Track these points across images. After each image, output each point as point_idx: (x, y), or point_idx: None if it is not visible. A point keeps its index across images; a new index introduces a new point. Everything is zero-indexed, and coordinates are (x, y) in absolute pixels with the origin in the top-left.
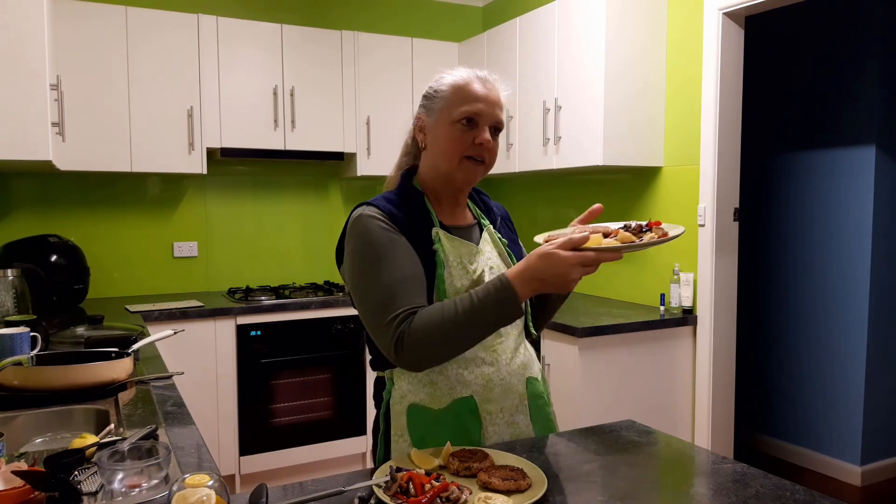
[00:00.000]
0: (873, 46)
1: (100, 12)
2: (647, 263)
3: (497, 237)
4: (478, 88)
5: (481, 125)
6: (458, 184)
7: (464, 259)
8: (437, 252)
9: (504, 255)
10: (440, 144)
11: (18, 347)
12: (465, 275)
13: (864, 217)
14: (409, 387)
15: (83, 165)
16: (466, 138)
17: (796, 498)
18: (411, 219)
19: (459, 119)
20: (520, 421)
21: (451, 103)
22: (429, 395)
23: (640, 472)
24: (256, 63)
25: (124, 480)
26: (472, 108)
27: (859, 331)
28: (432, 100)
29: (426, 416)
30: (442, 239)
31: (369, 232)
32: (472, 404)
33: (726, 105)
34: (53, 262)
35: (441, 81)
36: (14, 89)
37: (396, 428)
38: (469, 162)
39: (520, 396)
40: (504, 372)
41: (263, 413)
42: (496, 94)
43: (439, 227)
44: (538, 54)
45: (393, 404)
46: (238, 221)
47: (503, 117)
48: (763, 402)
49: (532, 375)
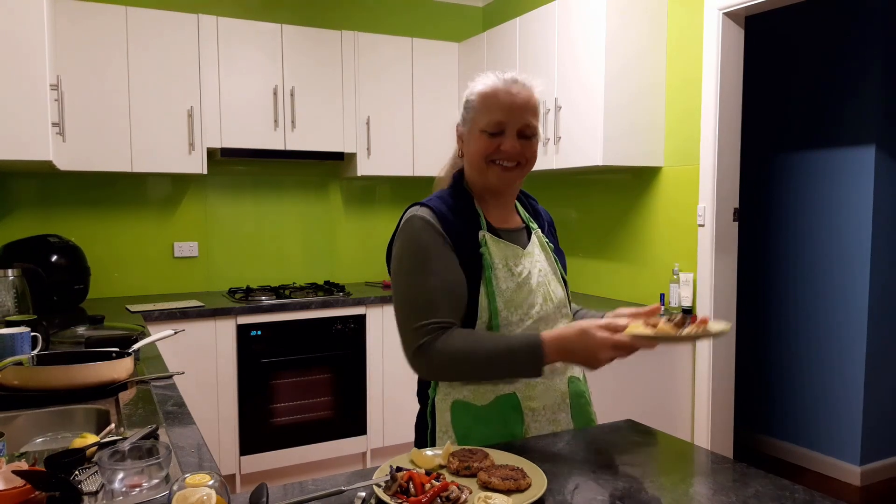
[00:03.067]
0: (873, 46)
1: (100, 12)
2: (647, 264)
3: (545, 241)
4: (503, 97)
5: (508, 132)
6: (494, 189)
7: (509, 261)
8: (483, 255)
9: (551, 261)
10: (471, 152)
11: (19, 347)
12: (511, 277)
13: (864, 217)
14: (455, 382)
15: (83, 165)
16: (492, 145)
17: (796, 498)
18: (461, 220)
19: (486, 128)
20: (562, 419)
21: (478, 113)
22: (472, 391)
23: (640, 472)
24: (256, 63)
25: (125, 480)
26: (496, 117)
27: (859, 330)
28: (466, 109)
29: (470, 412)
30: (488, 241)
31: (419, 235)
32: (514, 401)
33: (726, 105)
34: (54, 262)
35: (472, 90)
36: (14, 89)
37: (441, 424)
38: (497, 167)
39: (562, 395)
40: (547, 370)
41: (264, 413)
42: (524, 96)
43: (486, 230)
44: (538, 54)
45: (438, 402)
46: (238, 221)
47: (533, 120)
48: (763, 402)
49: (574, 375)
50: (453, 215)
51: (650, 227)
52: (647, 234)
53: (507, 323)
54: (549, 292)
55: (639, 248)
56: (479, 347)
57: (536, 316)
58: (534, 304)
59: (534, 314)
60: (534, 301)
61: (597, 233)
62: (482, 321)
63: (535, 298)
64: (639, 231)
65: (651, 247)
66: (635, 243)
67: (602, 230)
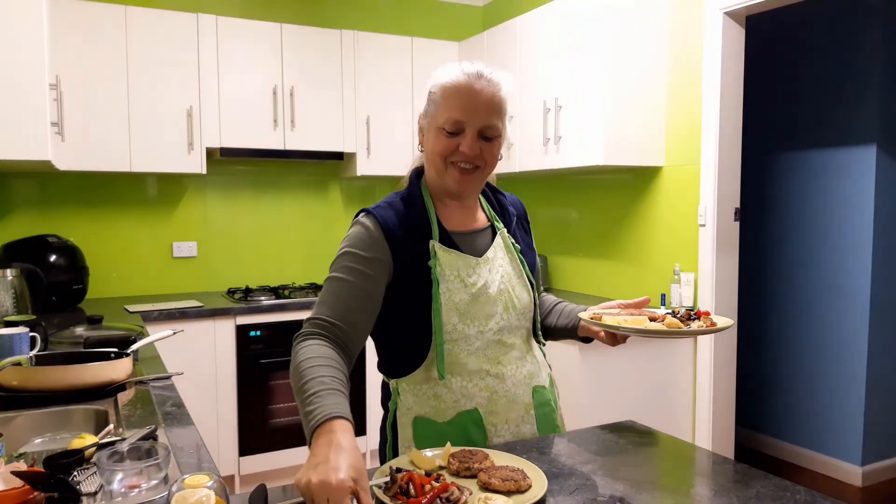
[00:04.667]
0: (875, 45)
1: (99, 12)
2: (647, 264)
3: (510, 242)
4: (464, 93)
5: (468, 132)
6: (452, 192)
7: (461, 272)
8: (432, 268)
9: (516, 263)
10: (429, 149)
11: (18, 347)
12: (464, 289)
13: (865, 217)
14: (415, 399)
15: (82, 165)
16: (451, 145)
17: (797, 498)
18: (410, 231)
19: (443, 126)
20: (525, 430)
21: (438, 107)
22: (433, 408)
23: (640, 472)
24: (256, 62)
25: (124, 481)
26: (454, 115)
27: (860, 330)
28: (427, 101)
29: (431, 428)
30: (438, 253)
31: (350, 241)
32: (476, 416)
33: (727, 105)
34: (53, 262)
35: (435, 81)
36: (13, 89)
37: (403, 440)
38: (455, 169)
39: (525, 407)
40: (510, 384)
41: (263, 413)
42: (488, 94)
43: (437, 239)
44: (538, 54)
45: (399, 416)
46: (238, 221)
47: (496, 121)
48: (763, 402)
49: (539, 384)
50: (401, 225)
51: (651, 226)
52: (648, 234)
53: (463, 336)
54: (512, 299)
55: (639, 248)
56: (300, 375)
57: (496, 327)
58: (493, 315)
59: (493, 325)
60: (493, 311)
61: (597, 233)
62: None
63: (494, 308)
64: (639, 231)
65: (652, 247)
66: (636, 243)
67: (602, 230)
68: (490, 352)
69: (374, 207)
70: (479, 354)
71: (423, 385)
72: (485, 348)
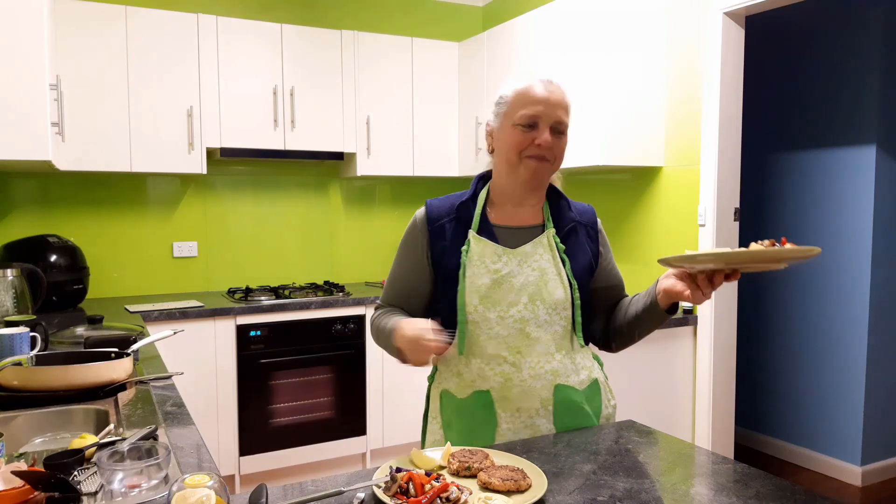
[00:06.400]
0: (874, 45)
1: (99, 12)
2: (647, 263)
3: (555, 242)
4: (538, 91)
5: (541, 126)
6: (525, 183)
7: (486, 259)
8: (462, 254)
9: (557, 261)
10: (503, 146)
11: (18, 347)
12: (487, 273)
13: (864, 217)
14: (445, 373)
15: (83, 165)
16: (527, 139)
17: (797, 498)
18: (456, 219)
19: (520, 122)
20: (541, 424)
21: (512, 107)
22: (455, 383)
23: (640, 472)
24: (256, 63)
25: (124, 481)
26: (531, 110)
27: (860, 330)
28: (498, 105)
29: (452, 402)
30: (472, 241)
31: (407, 230)
32: (487, 399)
33: (726, 105)
34: (53, 262)
35: (506, 87)
36: (14, 89)
37: (433, 410)
38: (530, 160)
39: (543, 402)
40: (526, 375)
41: (263, 413)
42: (558, 95)
43: (476, 230)
44: (538, 54)
45: (433, 388)
46: (238, 221)
47: (565, 117)
48: (763, 402)
49: (564, 383)
50: (447, 214)
51: (651, 226)
52: (648, 234)
53: (484, 318)
54: (541, 292)
55: (639, 248)
56: (378, 331)
57: (518, 316)
58: (515, 303)
59: (514, 314)
60: (515, 300)
61: None
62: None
63: (517, 298)
64: (639, 231)
65: (652, 247)
66: (636, 243)
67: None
68: (511, 340)
69: (434, 199)
70: (500, 340)
71: (451, 361)
72: (506, 336)
